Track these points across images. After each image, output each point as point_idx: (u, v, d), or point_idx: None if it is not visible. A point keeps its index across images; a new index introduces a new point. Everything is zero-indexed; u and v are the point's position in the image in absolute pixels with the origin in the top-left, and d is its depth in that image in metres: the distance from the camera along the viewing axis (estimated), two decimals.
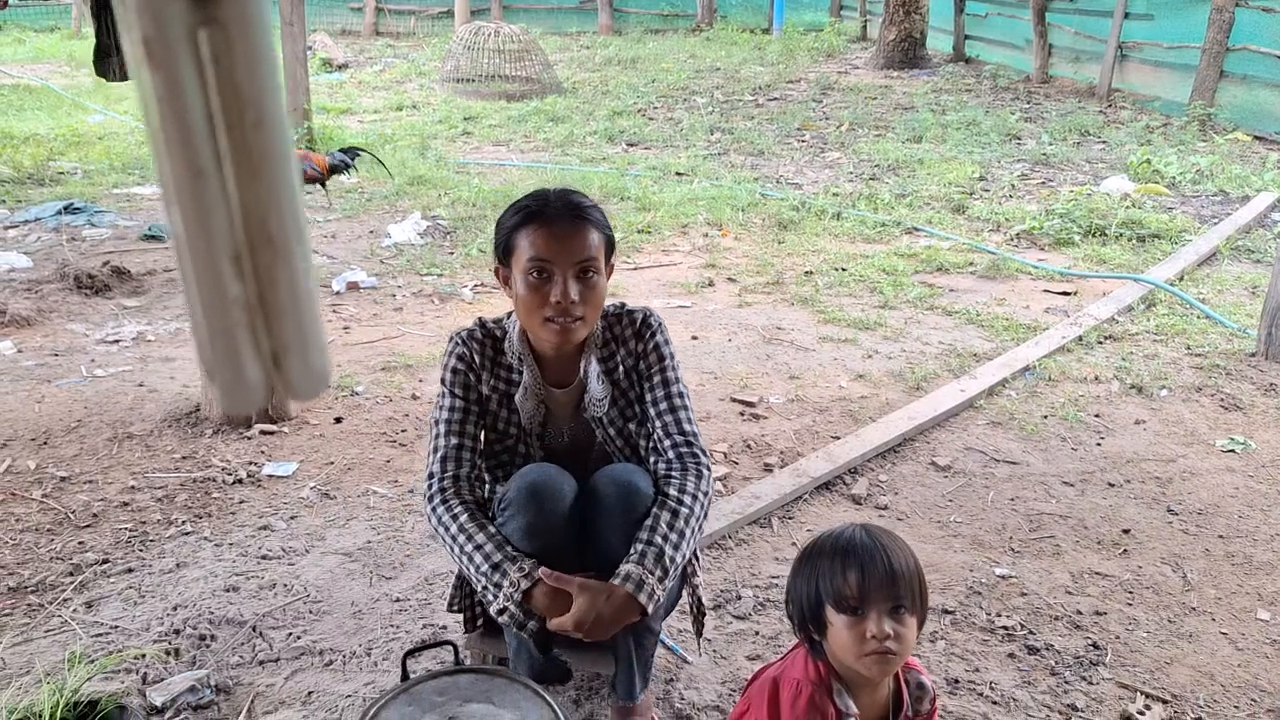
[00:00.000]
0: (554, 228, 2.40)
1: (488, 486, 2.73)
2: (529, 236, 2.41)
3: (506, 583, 2.34)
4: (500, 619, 2.39)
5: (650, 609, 2.33)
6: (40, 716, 2.33)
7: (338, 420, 4.62)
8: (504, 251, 2.49)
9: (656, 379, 2.64)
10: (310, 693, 2.90)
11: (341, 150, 9.02)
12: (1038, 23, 14.78)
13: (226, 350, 0.58)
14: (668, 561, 2.36)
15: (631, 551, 2.38)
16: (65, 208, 7.93)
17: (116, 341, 5.52)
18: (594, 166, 10.09)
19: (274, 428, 4.48)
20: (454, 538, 2.44)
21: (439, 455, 2.56)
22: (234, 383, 0.59)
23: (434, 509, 2.50)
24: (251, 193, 0.55)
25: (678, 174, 9.84)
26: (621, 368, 2.65)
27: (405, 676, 2.22)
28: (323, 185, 8.57)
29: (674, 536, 2.40)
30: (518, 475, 2.49)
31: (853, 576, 1.99)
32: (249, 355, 0.59)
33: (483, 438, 2.67)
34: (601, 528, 2.47)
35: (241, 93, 0.53)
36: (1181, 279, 6.67)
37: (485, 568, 2.37)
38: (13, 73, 15.43)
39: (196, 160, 0.53)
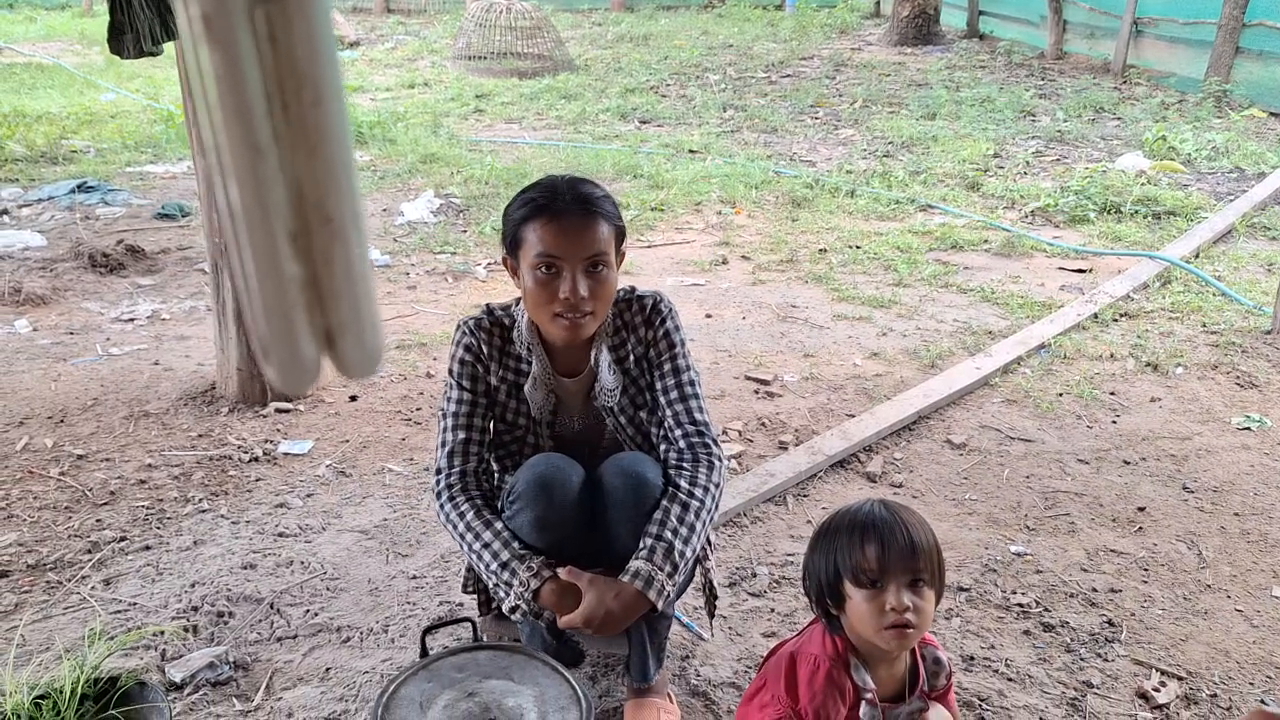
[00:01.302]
0: (563, 222, 2.36)
1: (496, 476, 2.73)
2: (537, 231, 2.37)
3: (516, 581, 2.33)
4: (513, 616, 2.39)
5: (660, 605, 2.32)
6: (61, 693, 2.34)
7: (353, 398, 4.63)
8: (511, 243, 2.46)
9: (667, 367, 2.61)
10: (328, 669, 2.91)
11: None
12: None
13: (283, 329, 0.58)
14: (677, 557, 2.34)
15: (641, 546, 2.36)
16: (78, 186, 7.94)
17: (131, 320, 5.54)
18: (607, 144, 10.06)
19: (289, 406, 4.50)
20: (462, 535, 2.44)
21: (446, 450, 2.55)
22: (290, 362, 0.59)
23: (442, 506, 2.50)
24: (309, 171, 0.55)
25: (691, 151, 9.82)
26: (632, 356, 2.62)
27: (424, 653, 2.23)
28: None
29: (684, 530, 2.38)
30: (526, 467, 2.48)
31: (871, 550, 2.00)
32: (304, 335, 0.59)
33: (491, 428, 2.66)
34: (611, 521, 2.46)
35: (300, 70, 0.53)
36: (1197, 256, 6.64)
37: (495, 566, 2.37)
38: (25, 51, 15.43)
39: (255, 138, 0.53)
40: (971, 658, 3.00)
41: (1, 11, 20.11)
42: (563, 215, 2.36)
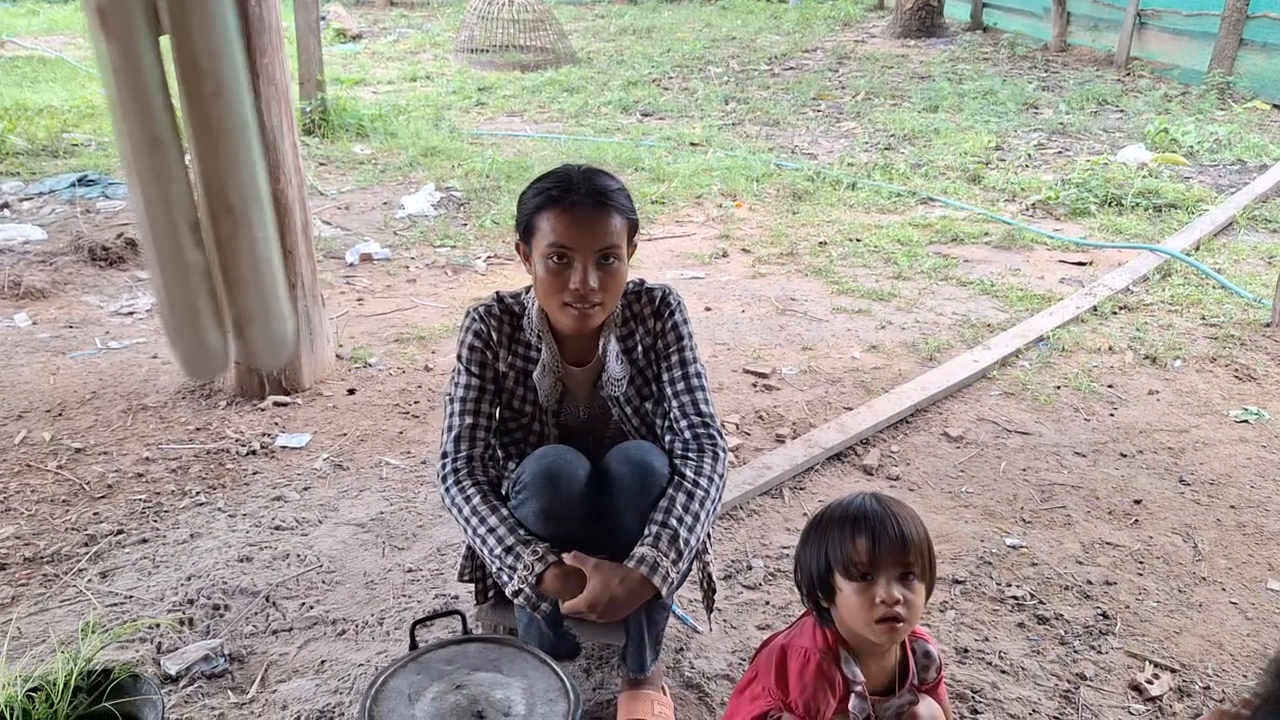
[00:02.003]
0: (575, 213, 2.36)
1: (502, 463, 2.73)
2: (550, 220, 2.37)
3: (520, 566, 2.34)
4: (515, 600, 2.39)
5: (664, 592, 2.33)
6: (55, 685, 2.35)
7: (351, 392, 4.64)
8: (525, 230, 2.47)
9: (674, 359, 2.63)
10: (323, 661, 2.92)
11: None
12: None
13: (187, 317, 0.59)
14: (682, 544, 2.35)
15: (646, 533, 2.37)
16: (79, 180, 7.93)
17: (130, 313, 5.54)
18: (608, 137, 10.06)
19: (287, 399, 4.50)
20: (467, 519, 2.44)
21: (453, 435, 2.56)
22: (195, 350, 0.60)
23: (447, 489, 2.51)
24: (211, 163, 0.55)
25: (692, 144, 9.81)
26: (640, 347, 2.63)
27: (414, 646, 2.23)
28: None
29: (689, 519, 2.39)
30: (532, 458, 2.48)
31: (862, 543, 2.00)
32: (210, 323, 0.59)
33: (497, 415, 2.67)
34: (616, 508, 2.46)
35: (199, 63, 0.53)
36: (1197, 249, 6.64)
37: (499, 551, 2.37)
38: (27, 44, 15.44)
39: (153, 129, 0.53)
40: (965, 650, 3.01)
41: (4, 5, 20.12)
42: (576, 207, 2.37)
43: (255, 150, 0.57)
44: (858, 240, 6.93)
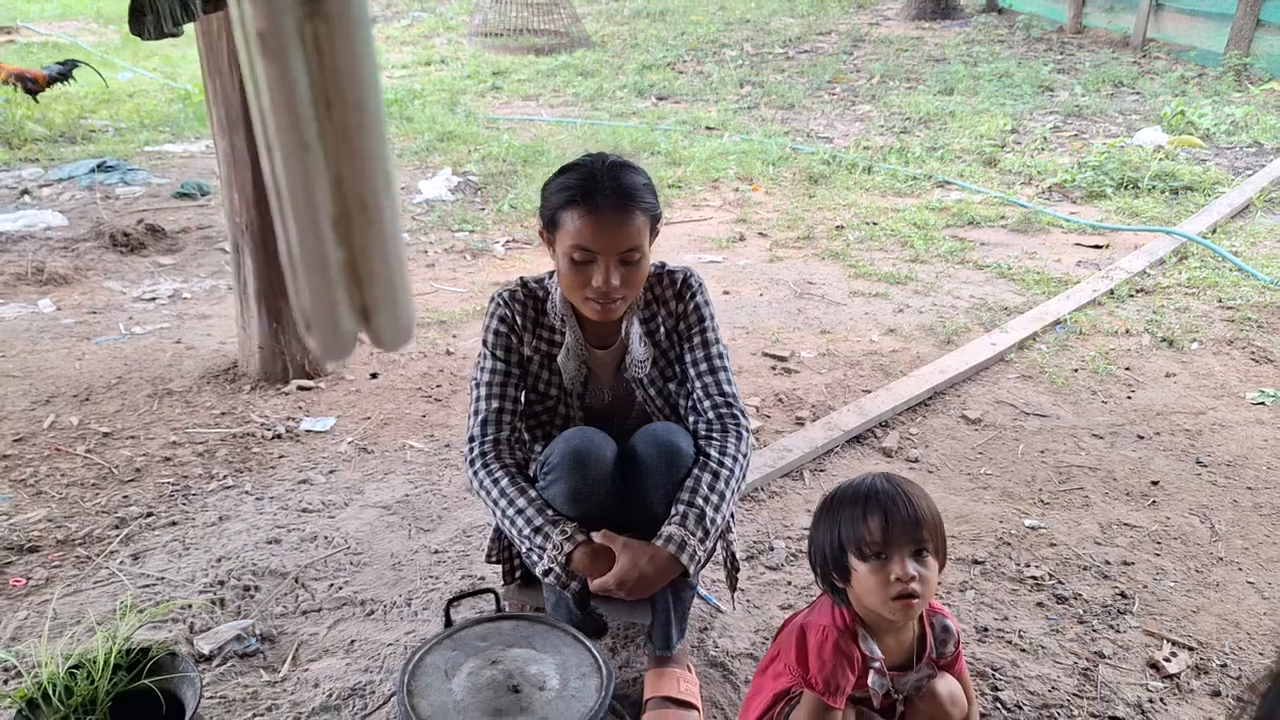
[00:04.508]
0: (599, 215, 2.35)
1: (528, 446, 2.77)
2: (574, 220, 2.37)
3: (550, 545, 2.38)
4: (545, 580, 2.43)
5: (692, 570, 2.37)
6: (95, 663, 2.40)
7: (373, 376, 4.68)
8: (549, 222, 2.47)
9: (696, 340, 2.65)
10: (353, 641, 2.97)
11: (58, 63, 10.36)
12: None
13: (326, 306, 0.63)
14: (708, 523, 2.39)
15: (673, 513, 2.41)
16: (98, 166, 8.00)
17: (153, 299, 5.59)
18: (624, 121, 10.07)
19: (311, 384, 4.55)
20: (495, 502, 2.48)
21: (479, 419, 2.59)
22: (331, 335, 0.64)
23: (475, 473, 2.54)
24: (349, 164, 0.60)
25: (708, 128, 9.82)
26: (662, 328, 2.66)
27: (448, 623, 2.28)
28: (35, 97, 9.90)
29: (714, 498, 2.42)
30: (559, 440, 2.51)
31: (875, 522, 2.04)
32: (345, 311, 0.64)
33: (523, 398, 2.70)
34: (643, 488, 2.50)
35: (342, 77, 0.58)
36: (1214, 231, 6.63)
37: (528, 531, 2.41)
38: (41, 30, 15.48)
39: (304, 136, 0.58)
40: (985, 629, 3.04)
41: None
42: (600, 209, 2.35)
43: (387, 152, 0.62)
44: (874, 224, 6.95)
